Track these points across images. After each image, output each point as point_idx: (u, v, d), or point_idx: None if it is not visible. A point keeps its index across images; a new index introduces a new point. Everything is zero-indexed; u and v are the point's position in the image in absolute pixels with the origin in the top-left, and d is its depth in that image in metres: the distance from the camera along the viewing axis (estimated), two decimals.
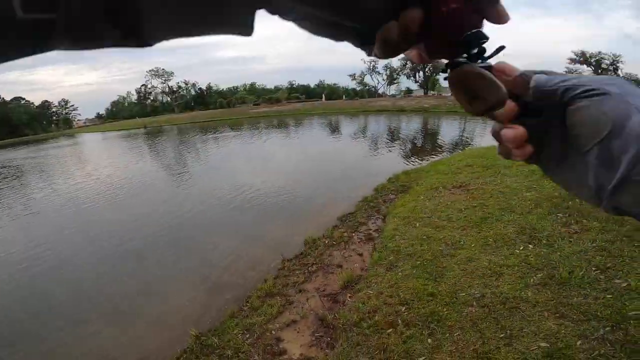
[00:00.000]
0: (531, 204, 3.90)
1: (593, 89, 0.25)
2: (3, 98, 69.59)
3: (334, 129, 22.02)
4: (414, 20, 0.24)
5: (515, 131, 0.28)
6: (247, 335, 2.64)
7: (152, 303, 3.61)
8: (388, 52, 0.25)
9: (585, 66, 53.07)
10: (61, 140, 38.20)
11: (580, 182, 0.27)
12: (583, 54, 51.96)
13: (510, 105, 0.28)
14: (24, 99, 73.76)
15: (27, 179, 13.45)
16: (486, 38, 0.27)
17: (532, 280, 2.47)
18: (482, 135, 16.27)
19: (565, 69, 55.10)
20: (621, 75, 51.37)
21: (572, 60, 53.53)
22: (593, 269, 2.43)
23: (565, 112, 0.26)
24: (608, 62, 51.03)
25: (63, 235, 6.07)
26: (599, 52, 50.94)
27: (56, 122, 77.23)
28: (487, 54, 0.28)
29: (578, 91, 0.25)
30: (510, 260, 2.77)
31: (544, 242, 2.96)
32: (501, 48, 0.29)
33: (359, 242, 4.16)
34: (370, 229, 4.51)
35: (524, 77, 0.28)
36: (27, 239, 6.06)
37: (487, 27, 0.27)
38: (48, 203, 8.64)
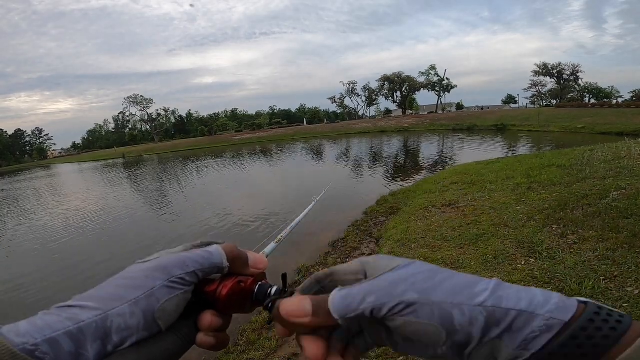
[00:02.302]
0: (524, 218, 3.90)
1: (398, 305, 0.25)
2: None
3: (317, 154, 22.15)
4: (209, 323, 0.31)
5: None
6: None
7: None
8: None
9: (548, 78, 56.65)
10: (36, 172, 36.61)
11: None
12: (545, 66, 55.51)
13: (316, 346, 0.28)
14: None
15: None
16: (269, 287, 0.34)
17: None
18: (461, 151, 16.75)
19: (530, 82, 58.64)
20: (582, 84, 55.16)
21: (536, 73, 57.06)
22: (601, 278, 2.39)
23: (381, 321, 0.27)
24: (569, 72, 54.63)
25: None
26: (560, 64, 54.65)
27: (30, 152, 74.21)
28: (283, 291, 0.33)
29: (386, 311, 0.25)
30: (515, 275, 2.70)
31: (545, 255, 2.92)
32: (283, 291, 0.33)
33: None
34: (364, 254, 4.39)
35: (323, 311, 0.27)
36: None
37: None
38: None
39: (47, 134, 79.15)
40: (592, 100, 50.59)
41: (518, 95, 66.06)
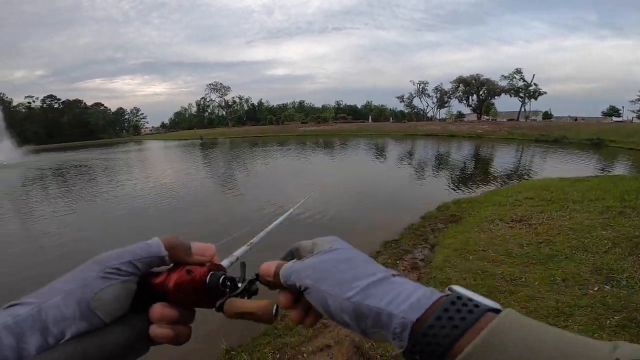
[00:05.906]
0: (608, 243, 3.49)
1: (301, 286, 0.33)
2: (84, 103, 79.14)
3: (381, 152, 21.82)
4: (159, 314, 0.32)
5: (294, 314, 0.36)
6: (278, 356, 2.50)
7: None
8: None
9: None
10: (131, 146, 42.15)
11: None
12: None
13: (284, 298, 0.36)
14: (102, 105, 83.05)
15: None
16: (222, 275, 0.35)
17: (608, 322, 2.18)
18: (542, 164, 15.02)
19: (638, 94, 49.72)
20: None
21: None
22: None
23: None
24: None
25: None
26: None
27: (127, 128, 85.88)
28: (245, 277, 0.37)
29: (298, 288, 0.33)
30: (582, 300, 2.48)
31: (624, 283, 2.62)
32: (252, 281, 0.38)
33: (402, 270, 3.90)
34: (416, 258, 4.27)
35: (278, 275, 0.36)
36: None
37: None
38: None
39: (142, 113, 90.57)
40: None
41: (623, 107, 56.51)
